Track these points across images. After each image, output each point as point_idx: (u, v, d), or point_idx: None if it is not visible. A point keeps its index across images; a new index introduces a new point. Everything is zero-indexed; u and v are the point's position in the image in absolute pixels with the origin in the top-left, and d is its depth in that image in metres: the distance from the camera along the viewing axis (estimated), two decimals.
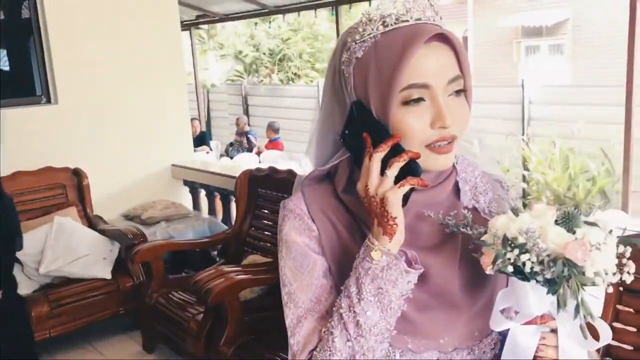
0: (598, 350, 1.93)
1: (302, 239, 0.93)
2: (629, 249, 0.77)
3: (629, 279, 0.76)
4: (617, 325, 1.87)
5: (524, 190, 6.53)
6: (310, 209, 0.94)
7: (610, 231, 0.75)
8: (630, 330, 1.87)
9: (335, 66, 0.93)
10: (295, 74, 14.87)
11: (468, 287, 0.91)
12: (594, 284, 0.74)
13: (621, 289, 1.87)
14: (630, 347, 1.86)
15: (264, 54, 14.80)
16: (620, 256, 0.77)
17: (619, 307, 1.87)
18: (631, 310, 1.88)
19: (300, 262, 0.92)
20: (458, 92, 0.88)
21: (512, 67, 11.98)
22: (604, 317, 1.92)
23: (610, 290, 0.76)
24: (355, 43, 0.89)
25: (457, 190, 0.98)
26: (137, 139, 4.19)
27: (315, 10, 7.19)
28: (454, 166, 0.97)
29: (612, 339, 1.85)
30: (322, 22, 13.65)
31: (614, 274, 0.75)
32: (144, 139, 4.22)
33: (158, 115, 4.28)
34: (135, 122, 4.17)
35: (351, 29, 0.92)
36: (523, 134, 6.50)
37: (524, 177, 6.46)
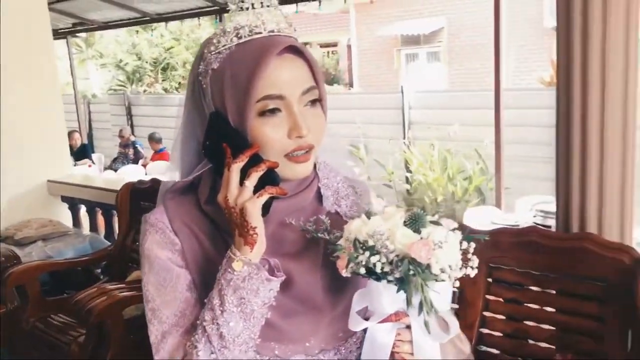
0: (471, 340, 2.05)
1: (164, 253, 0.92)
2: (473, 245, 0.83)
3: (472, 272, 0.81)
4: (487, 314, 1.99)
5: (408, 190, 6.85)
6: (172, 221, 0.93)
7: (453, 229, 0.81)
8: (500, 318, 2.01)
9: (194, 77, 0.94)
10: (180, 83, 14.56)
11: (330, 290, 0.94)
12: (441, 279, 0.79)
13: (490, 280, 2.01)
14: (500, 334, 2.00)
15: (147, 62, 14.39)
16: (464, 252, 0.83)
17: (489, 297, 2.00)
18: (500, 299, 2.01)
19: (164, 276, 0.91)
20: (313, 102, 0.91)
21: (394, 74, 12.49)
22: (474, 307, 2.04)
23: (457, 284, 0.82)
24: (211, 54, 0.90)
25: (320, 196, 1.01)
26: (7, 154, 3.91)
27: (199, 18, 7.09)
28: (316, 173, 1.00)
29: (484, 327, 2.00)
30: (204, 31, 13.46)
31: (460, 269, 0.81)
32: (14, 154, 3.95)
33: (30, 128, 4.03)
34: (3, 136, 3.89)
35: (208, 40, 0.92)
36: (404, 138, 6.79)
37: (407, 178, 6.74)
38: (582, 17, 1.76)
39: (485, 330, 1.99)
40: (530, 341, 1.93)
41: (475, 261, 0.82)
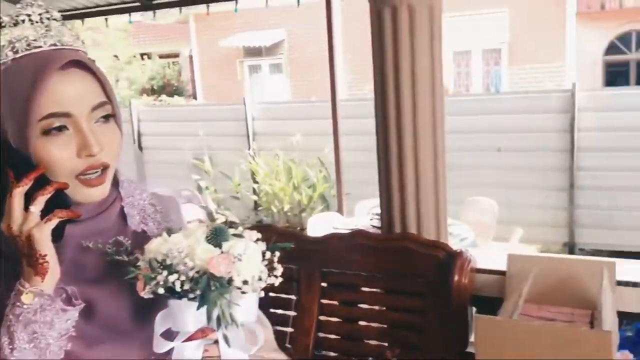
0: (308, 346, 2.09)
1: None
2: (277, 254, 0.85)
3: (277, 281, 0.83)
4: (322, 318, 2.04)
5: (255, 202, 6.87)
6: None
7: (256, 240, 0.82)
8: (335, 321, 2.07)
9: None
10: None
11: (138, 312, 0.90)
12: (244, 292, 0.79)
13: (324, 284, 2.07)
14: (337, 337, 2.06)
15: None
16: (269, 261, 0.83)
17: (324, 301, 2.05)
18: (335, 302, 2.08)
19: None
20: (106, 118, 0.87)
21: (238, 86, 12.52)
22: (310, 312, 2.08)
23: (262, 294, 0.82)
24: None
25: (125, 215, 0.96)
26: None
27: None
28: (118, 191, 0.96)
29: (321, 332, 2.05)
30: None
31: (263, 279, 0.81)
32: None
33: None
34: None
35: None
36: (249, 149, 6.81)
37: (254, 189, 6.77)
38: (392, 30, 1.89)
39: (322, 334, 2.04)
40: (365, 340, 2.01)
41: (279, 270, 0.83)
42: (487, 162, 5.75)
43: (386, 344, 1.95)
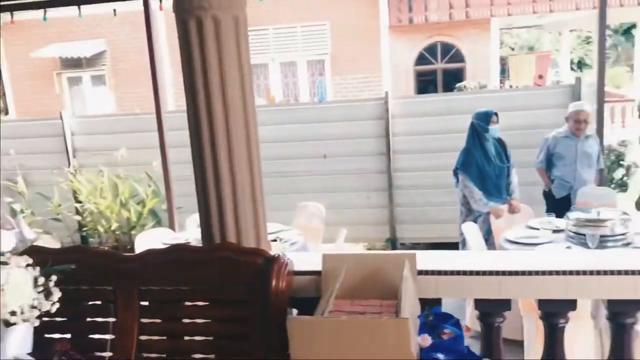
0: None
1: None
2: (54, 278, 0.80)
3: (53, 308, 0.78)
4: (143, 337, 1.96)
5: (79, 222, 6.42)
6: None
7: (27, 266, 0.76)
8: (158, 339, 2.00)
9: None
10: None
11: None
12: (14, 323, 0.73)
13: (145, 303, 1.99)
14: (161, 355, 1.99)
15: None
16: (44, 286, 0.78)
17: (144, 320, 1.97)
18: (157, 320, 2.00)
19: None
20: None
21: (57, 99, 11.64)
22: (130, 334, 1.98)
23: (37, 323, 0.77)
24: None
25: None
26: None
27: None
28: None
29: (144, 352, 1.96)
30: None
31: (38, 307, 0.76)
32: None
33: None
34: None
35: None
36: (69, 166, 6.36)
37: (77, 209, 6.33)
38: (199, 41, 1.88)
39: (145, 354, 1.96)
40: (191, 355, 1.97)
41: (56, 295, 0.78)
42: (315, 168, 5.99)
43: (212, 356, 1.93)
